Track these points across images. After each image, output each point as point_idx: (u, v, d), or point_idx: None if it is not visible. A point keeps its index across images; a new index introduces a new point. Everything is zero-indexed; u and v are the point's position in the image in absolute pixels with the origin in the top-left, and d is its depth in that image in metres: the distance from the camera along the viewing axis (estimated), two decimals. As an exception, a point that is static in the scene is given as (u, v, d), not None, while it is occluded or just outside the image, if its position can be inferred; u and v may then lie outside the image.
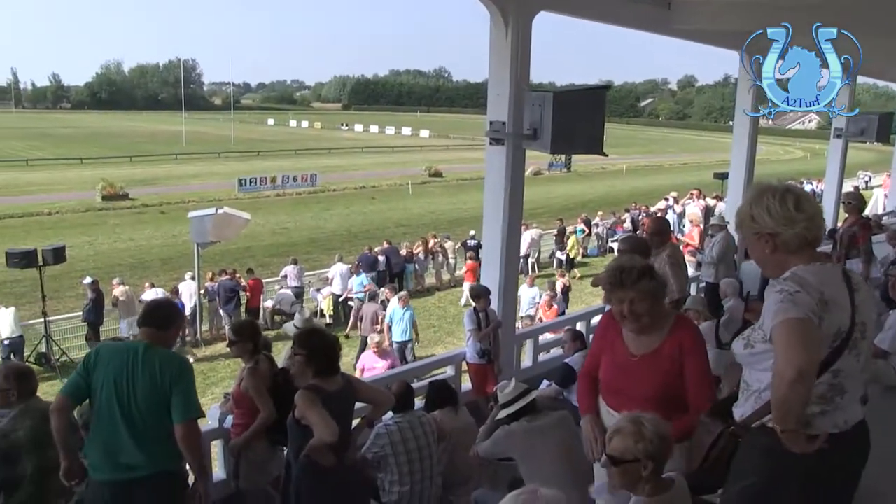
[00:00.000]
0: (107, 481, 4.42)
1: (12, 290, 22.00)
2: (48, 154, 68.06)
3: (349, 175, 55.88)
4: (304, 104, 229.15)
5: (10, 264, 17.07)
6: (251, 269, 21.00)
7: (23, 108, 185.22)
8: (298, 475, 4.85)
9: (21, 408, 4.91)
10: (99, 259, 28.05)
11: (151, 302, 4.69)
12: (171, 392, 4.45)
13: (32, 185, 48.90)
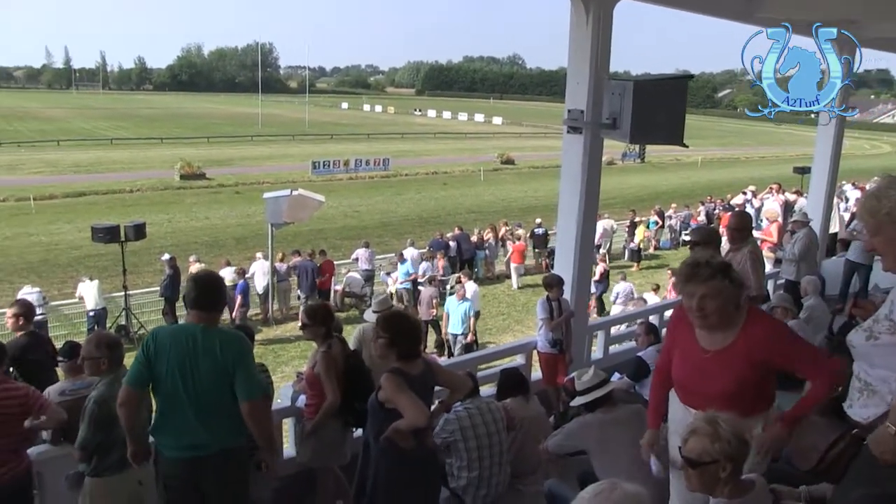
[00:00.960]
0: (176, 458, 4.52)
1: (96, 264, 22.75)
2: (131, 134, 69.95)
3: (421, 160, 56.11)
4: (378, 89, 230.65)
5: (95, 239, 17.60)
6: (323, 250, 21.22)
7: (109, 89, 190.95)
8: (377, 457, 4.85)
9: (112, 376, 5.05)
10: (176, 236, 28.75)
11: (199, 284, 4.59)
12: (234, 371, 4.50)
13: (116, 163, 50.42)
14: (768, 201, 23.21)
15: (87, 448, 4.99)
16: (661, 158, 61.77)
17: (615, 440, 5.04)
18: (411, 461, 4.72)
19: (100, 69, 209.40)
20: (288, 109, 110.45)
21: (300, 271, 18.96)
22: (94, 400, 4.97)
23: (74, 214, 33.15)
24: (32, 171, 46.24)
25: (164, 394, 4.43)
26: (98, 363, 5.09)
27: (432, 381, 4.94)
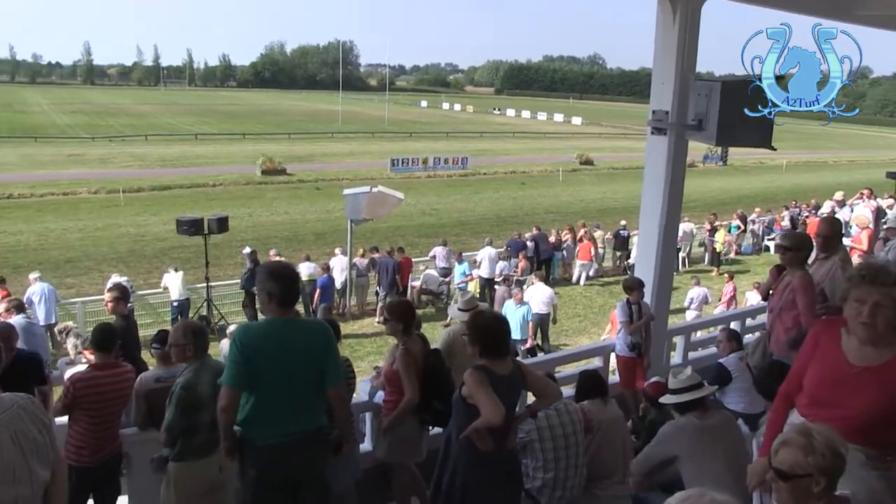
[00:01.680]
0: (272, 446, 4.58)
1: (180, 255, 23.33)
2: (215, 129, 71.60)
3: (500, 159, 55.96)
4: (457, 87, 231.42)
5: (179, 231, 18.04)
6: (402, 247, 21.33)
7: (195, 86, 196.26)
8: (457, 454, 4.82)
9: (198, 363, 5.26)
10: (256, 230, 29.25)
11: (283, 278, 4.58)
12: (324, 360, 4.64)
13: (200, 157, 51.69)
14: (859, 207, 22.43)
15: (172, 431, 5.16)
16: (743, 161, 60.35)
17: (706, 447, 4.92)
18: (490, 462, 4.69)
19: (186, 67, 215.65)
20: (367, 107, 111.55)
21: (380, 267, 19.09)
22: (181, 385, 5.16)
23: (160, 207, 34.11)
24: (122, 164, 47.78)
25: (259, 388, 4.48)
26: (184, 350, 5.26)
27: (521, 384, 4.86)
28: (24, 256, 24.82)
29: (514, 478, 5.04)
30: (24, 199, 35.59)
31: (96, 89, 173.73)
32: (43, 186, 38.06)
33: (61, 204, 35.10)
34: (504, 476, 4.87)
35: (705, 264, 25.82)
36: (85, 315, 16.75)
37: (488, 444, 4.56)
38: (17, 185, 37.77)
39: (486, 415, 4.40)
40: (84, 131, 66.94)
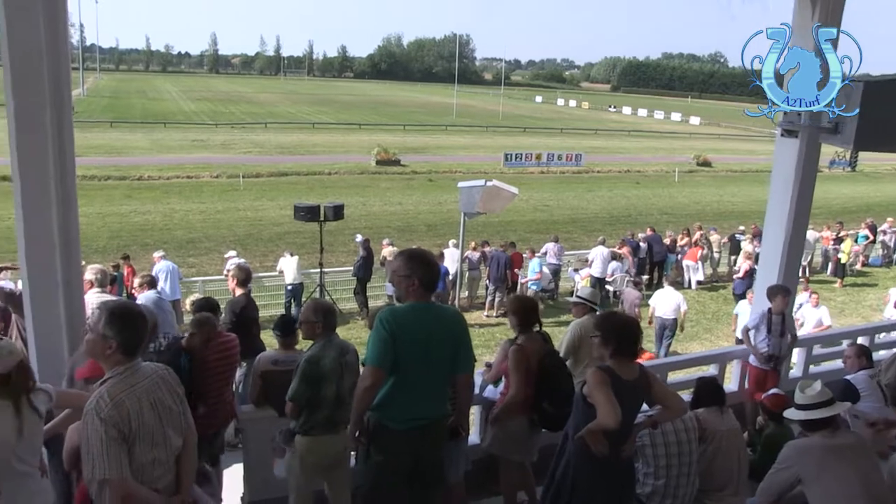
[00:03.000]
0: (405, 430, 4.61)
1: (294, 241, 23.87)
2: (332, 119, 73.10)
3: (614, 157, 55.10)
4: (573, 83, 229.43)
5: (296, 217, 18.41)
6: (513, 242, 21.24)
7: (313, 76, 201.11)
8: (571, 452, 4.80)
9: (325, 340, 5.40)
10: (370, 219, 29.67)
11: (427, 263, 4.63)
12: (460, 344, 4.67)
13: (317, 146, 52.82)
14: None
15: (296, 400, 5.28)
16: (875, 167, 57.47)
17: (835, 469, 4.65)
18: (603, 467, 4.63)
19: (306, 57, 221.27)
20: (482, 101, 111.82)
21: (492, 261, 19.06)
22: (306, 359, 5.31)
23: (277, 192, 35.04)
24: (243, 150, 49.26)
25: (399, 371, 4.50)
26: (314, 327, 5.43)
27: (645, 393, 4.78)
28: (150, 235, 25.95)
29: (628, 487, 4.95)
30: (152, 181, 37.24)
31: (220, 78, 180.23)
32: (170, 169, 39.73)
33: (185, 186, 36.54)
34: (619, 484, 4.80)
35: (828, 275, 24.68)
36: (204, 293, 17.31)
37: (603, 448, 4.46)
38: (147, 168, 39.56)
39: (602, 417, 4.35)
40: (208, 118, 69.49)
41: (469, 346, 4.78)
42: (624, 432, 4.60)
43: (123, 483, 3.42)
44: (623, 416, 4.43)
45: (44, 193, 4.58)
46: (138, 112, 72.00)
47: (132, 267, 16.84)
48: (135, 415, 3.45)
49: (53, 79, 4.48)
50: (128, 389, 3.48)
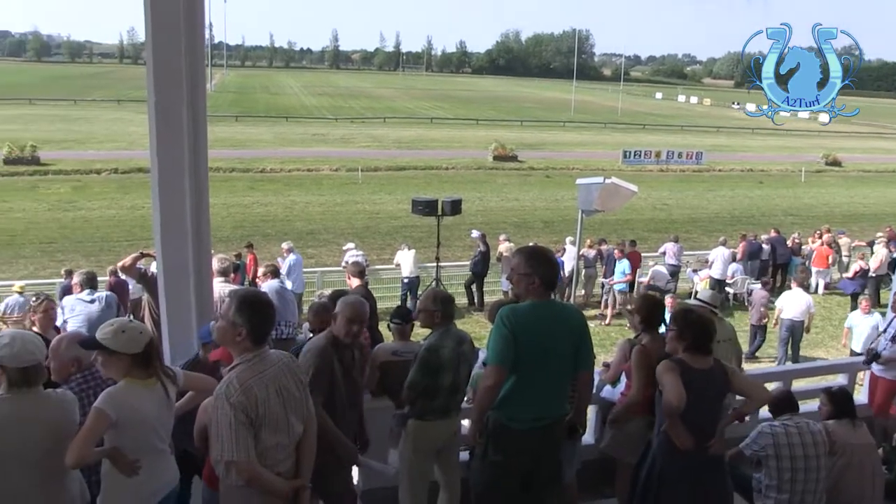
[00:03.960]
0: (526, 429, 4.59)
1: (411, 234, 24.19)
2: (449, 114, 73.67)
3: (737, 156, 53.37)
4: (695, 80, 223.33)
5: (414, 211, 18.63)
6: (633, 241, 20.86)
7: (431, 71, 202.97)
8: (655, 447, 4.84)
9: (444, 329, 5.42)
10: (486, 215, 29.73)
11: (548, 261, 4.66)
12: (581, 342, 4.64)
13: (434, 141, 53.33)
14: None
15: (413, 389, 5.31)
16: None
17: None
18: (689, 461, 4.66)
19: (425, 53, 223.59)
20: (601, 97, 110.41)
21: (608, 260, 18.80)
22: (426, 347, 5.33)
23: (395, 187, 35.61)
24: (362, 144, 50.25)
25: (521, 369, 4.47)
26: (433, 315, 5.42)
27: (722, 383, 4.78)
28: (272, 226, 26.84)
29: (717, 484, 4.88)
30: (274, 174, 38.48)
31: (341, 73, 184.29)
32: (291, 162, 40.91)
33: (305, 179, 37.57)
34: (707, 480, 4.78)
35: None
36: (323, 284, 17.73)
37: (686, 441, 4.55)
38: (269, 161, 40.87)
39: (666, 396, 4.52)
40: (328, 112, 71.24)
41: (590, 344, 4.75)
42: (707, 426, 4.65)
43: (249, 465, 3.54)
44: (699, 406, 4.55)
45: (178, 185, 4.76)
46: (262, 107, 74.50)
47: (255, 256, 17.40)
48: (262, 401, 3.56)
49: (191, 76, 4.65)
50: (256, 376, 3.59)
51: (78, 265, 17.46)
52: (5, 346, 3.60)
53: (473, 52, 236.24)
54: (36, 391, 3.71)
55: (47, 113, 63.82)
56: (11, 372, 3.61)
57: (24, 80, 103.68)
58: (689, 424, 4.57)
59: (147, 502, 3.94)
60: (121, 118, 59.44)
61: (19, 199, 31.67)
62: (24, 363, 3.61)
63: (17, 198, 31.82)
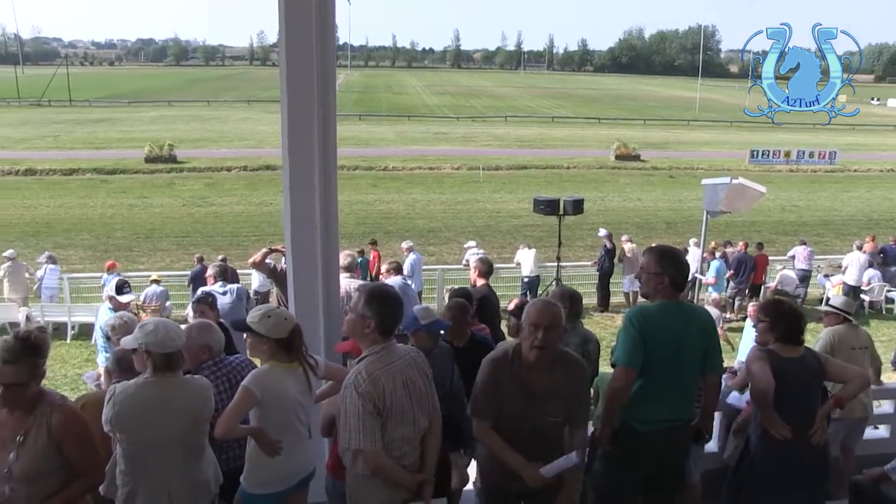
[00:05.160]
0: (653, 431, 4.52)
1: (532, 234, 24.14)
2: (570, 113, 73.11)
3: (875, 155, 50.80)
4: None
5: (535, 210, 18.55)
6: (761, 243, 20.13)
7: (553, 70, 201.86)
8: (755, 438, 4.71)
9: (570, 327, 5.34)
10: (608, 215, 29.29)
11: (679, 261, 4.61)
12: (709, 344, 4.55)
13: (555, 140, 53.07)
14: None
15: None
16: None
17: None
18: (787, 452, 4.55)
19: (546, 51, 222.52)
20: (727, 95, 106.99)
21: (733, 263, 18.23)
22: None
23: (516, 186, 35.61)
24: (483, 143, 50.45)
25: (650, 371, 4.42)
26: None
27: (817, 371, 4.67)
28: (393, 223, 27.30)
29: (819, 477, 4.72)
30: (396, 172, 39.12)
31: (462, 72, 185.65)
32: (413, 161, 41.51)
33: (427, 177, 38.02)
34: (806, 471, 4.64)
35: None
36: (444, 282, 17.90)
37: (783, 430, 4.44)
38: (391, 159, 41.60)
39: (755, 383, 4.55)
40: (450, 111, 71.87)
41: (718, 347, 4.66)
42: (804, 415, 4.52)
43: (376, 455, 3.63)
44: (792, 394, 4.47)
45: (308, 182, 4.89)
46: (384, 106, 75.91)
47: (378, 252, 17.73)
48: (389, 392, 3.65)
49: (322, 76, 4.78)
50: (384, 368, 3.68)
51: (209, 258, 18.23)
52: (150, 333, 3.80)
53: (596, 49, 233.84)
54: (177, 376, 3.90)
55: (184, 114, 67.03)
56: (156, 357, 3.80)
57: (164, 84, 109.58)
58: (784, 413, 4.46)
59: (286, 483, 4.12)
60: (250, 118, 61.76)
61: (158, 194, 33.50)
62: (167, 349, 3.81)
63: (155, 194, 33.68)
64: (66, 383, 12.31)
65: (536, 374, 3.99)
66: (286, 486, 4.13)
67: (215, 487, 4.12)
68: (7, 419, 3.57)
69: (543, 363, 3.99)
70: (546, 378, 4.00)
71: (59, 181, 37.01)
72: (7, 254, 16.93)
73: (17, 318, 15.80)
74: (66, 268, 18.68)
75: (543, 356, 3.96)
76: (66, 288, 17.30)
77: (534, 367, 3.99)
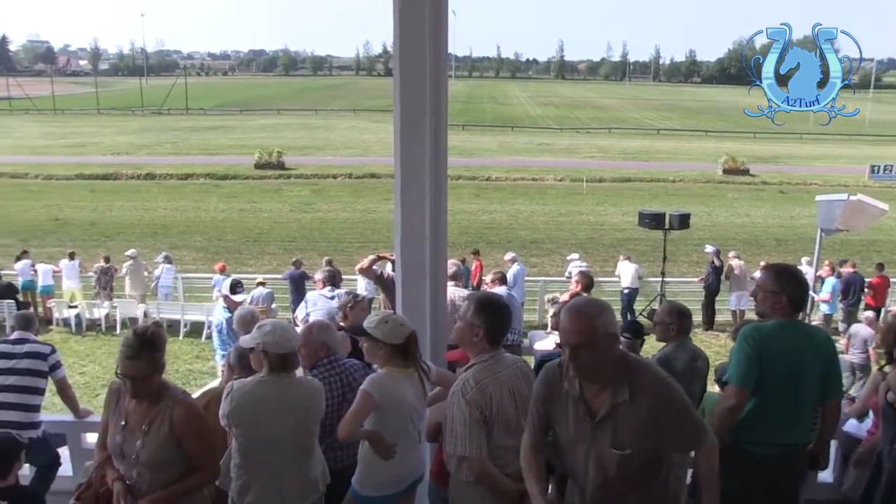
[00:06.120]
0: (760, 454, 4.38)
1: (635, 247, 23.76)
2: (677, 125, 71.80)
3: None
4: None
5: (640, 223, 18.33)
6: (881, 264, 19.22)
7: (659, 81, 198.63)
8: (892, 468, 4.50)
9: (678, 343, 5.37)
10: (714, 230, 28.59)
11: (802, 281, 4.44)
12: (828, 367, 4.35)
13: (661, 152, 52.19)
14: None
15: None
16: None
17: None
18: None
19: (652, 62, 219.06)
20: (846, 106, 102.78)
21: (846, 283, 17.50)
22: (658, 358, 5.32)
23: (620, 199, 35.19)
24: (587, 155, 50.07)
25: (764, 391, 4.28)
26: (668, 328, 5.41)
27: None
28: (496, 233, 27.37)
29: None
30: (499, 182, 39.24)
31: (566, 83, 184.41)
32: (515, 171, 41.53)
33: (530, 188, 37.99)
34: None
35: None
36: (545, 293, 17.80)
37: None
38: (494, 169, 41.76)
39: None
40: (553, 122, 71.66)
41: (838, 370, 4.45)
42: None
43: (481, 461, 3.63)
44: None
45: (419, 190, 4.95)
46: (488, 116, 76.23)
47: (480, 262, 17.79)
48: (496, 401, 3.65)
49: (434, 87, 4.83)
50: (491, 376, 3.69)
51: (314, 263, 18.68)
52: (268, 334, 3.94)
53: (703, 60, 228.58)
54: (291, 376, 4.03)
55: (292, 122, 68.99)
56: (273, 357, 3.93)
57: (274, 93, 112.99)
58: None
59: (398, 486, 4.19)
60: (356, 126, 62.90)
61: (266, 200, 34.59)
62: (283, 350, 3.93)
63: (264, 199, 34.77)
64: (178, 378, 12.84)
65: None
66: (398, 489, 4.19)
67: (323, 486, 4.20)
68: (136, 408, 3.76)
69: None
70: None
71: (176, 185, 38.74)
72: (129, 253, 17.89)
73: (136, 314, 16.64)
74: (179, 268, 19.47)
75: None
76: (181, 287, 18.07)
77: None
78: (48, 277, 17.66)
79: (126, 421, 3.76)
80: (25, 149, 50.97)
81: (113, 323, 16.92)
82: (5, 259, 21.21)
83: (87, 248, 23.36)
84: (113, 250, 21.20)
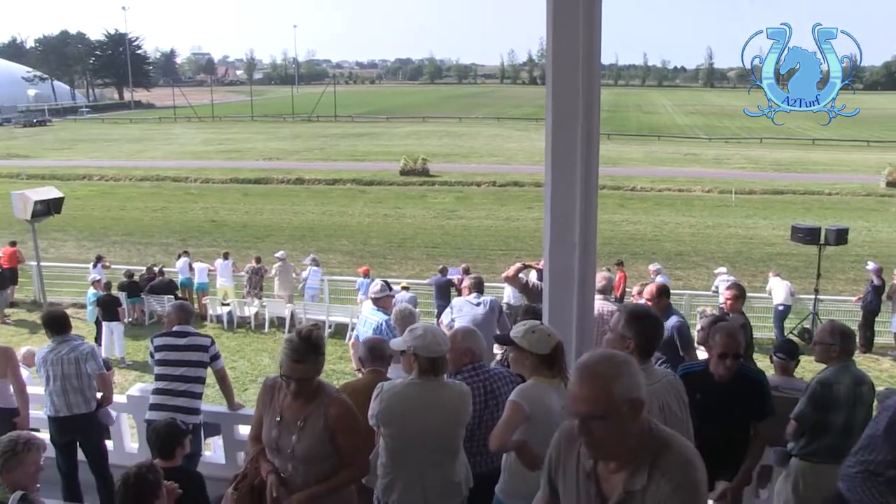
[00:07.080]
0: None
1: (787, 263, 22.79)
2: (834, 134, 68.11)
3: None
4: None
5: (793, 238, 17.55)
6: None
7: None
8: None
9: (841, 366, 5.09)
10: (875, 246, 26.92)
11: None
12: None
13: (817, 164, 49.74)
14: None
15: (801, 421, 5.07)
16: None
17: None
18: None
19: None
20: None
21: None
22: (819, 380, 5.07)
23: (770, 211, 33.79)
24: (736, 165, 48.38)
25: None
26: (829, 349, 5.15)
27: None
28: (640, 245, 26.88)
29: None
30: (644, 193, 38.48)
31: (714, 92, 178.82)
32: (661, 182, 40.62)
33: (676, 199, 37.05)
34: None
35: None
36: (690, 308, 17.29)
37: None
38: (639, 179, 40.97)
39: None
40: (701, 132, 69.65)
41: None
42: None
43: None
44: None
45: (570, 198, 4.94)
46: (633, 125, 74.94)
47: (624, 273, 17.52)
48: None
49: (587, 93, 4.81)
50: None
51: (456, 270, 18.91)
52: (419, 338, 4.03)
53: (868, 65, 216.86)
54: (440, 380, 4.10)
55: (437, 129, 70.08)
56: (423, 360, 4.02)
57: (419, 101, 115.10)
58: None
59: None
60: (499, 134, 63.20)
61: (411, 206, 35.28)
62: (433, 353, 4.01)
63: (409, 205, 35.50)
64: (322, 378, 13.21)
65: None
66: None
67: (466, 490, 4.25)
68: (291, 405, 3.91)
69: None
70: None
71: (324, 190, 40.14)
72: (278, 255, 18.66)
73: (283, 314, 17.32)
74: (325, 270, 20.09)
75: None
76: (326, 289, 18.67)
77: None
78: (204, 275, 18.71)
79: (281, 416, 3.92)
80: (188, 154, 54.39)
81: (262, 321, 17.68)
82: (167, 257, 22.60)
83: (240, 249, 24.59)
84: (263, 251, 22.25)
